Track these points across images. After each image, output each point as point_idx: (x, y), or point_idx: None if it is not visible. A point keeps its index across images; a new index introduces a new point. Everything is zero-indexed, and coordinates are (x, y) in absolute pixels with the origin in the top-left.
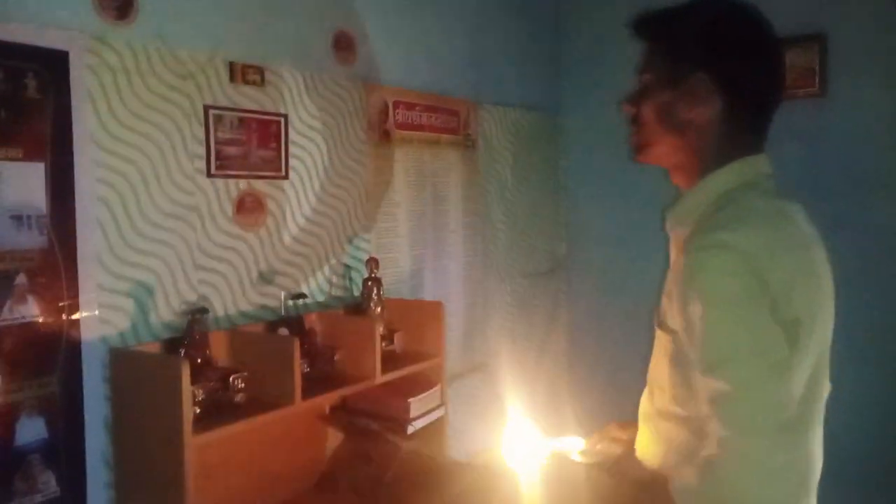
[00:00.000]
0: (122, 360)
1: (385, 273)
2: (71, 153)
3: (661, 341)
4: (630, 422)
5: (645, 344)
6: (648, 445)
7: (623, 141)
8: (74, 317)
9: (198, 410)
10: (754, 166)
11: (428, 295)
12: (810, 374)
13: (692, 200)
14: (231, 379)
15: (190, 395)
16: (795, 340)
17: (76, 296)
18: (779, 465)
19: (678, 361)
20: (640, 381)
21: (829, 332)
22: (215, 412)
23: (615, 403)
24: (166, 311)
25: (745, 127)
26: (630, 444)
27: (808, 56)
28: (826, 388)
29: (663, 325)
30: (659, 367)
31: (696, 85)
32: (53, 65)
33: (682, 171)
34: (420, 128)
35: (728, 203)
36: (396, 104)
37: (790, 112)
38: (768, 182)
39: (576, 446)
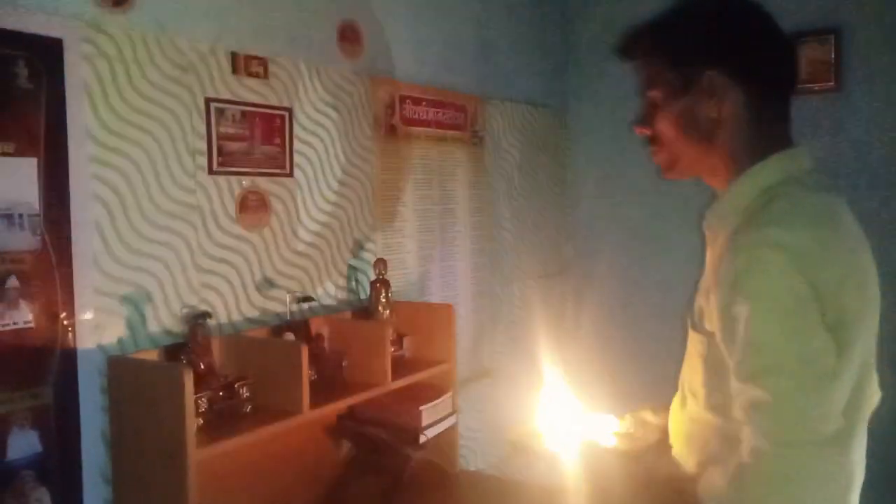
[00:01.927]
0: (120, 368)
1: (392, 275)
2: (65, 148)
3: (695, 344)
4: (663, 406)
5: (655, 346)
6: (681, 453)
7: (632, 138)
8: (69, 323)
9: (201, 421)
10: (795, 160)
11: (435, 297)
12: (856, 382)
13: (734, 197)
14: (236, 387)
15: (193, 406)
16: (843, 347)
17: (71, 300)
18: (814, 478)
19: (713, 366)
20: (650, 384)
21: (874, 337)
22: (219, 423)
23: (627, 407)
24: (166, 317)
25: (770, 116)
26: (664, 432)
27: (823, 50)
28: (875, 396)
29: (698, 327)
30: (692, 371)
31: (710, 83)
32: (46, 53)
33: (716, 174)
34: (427, 123)
35: (774, 198)
36: (403, 99)
37: (806, 107)
38: (811, 177)
39: (608, 426)
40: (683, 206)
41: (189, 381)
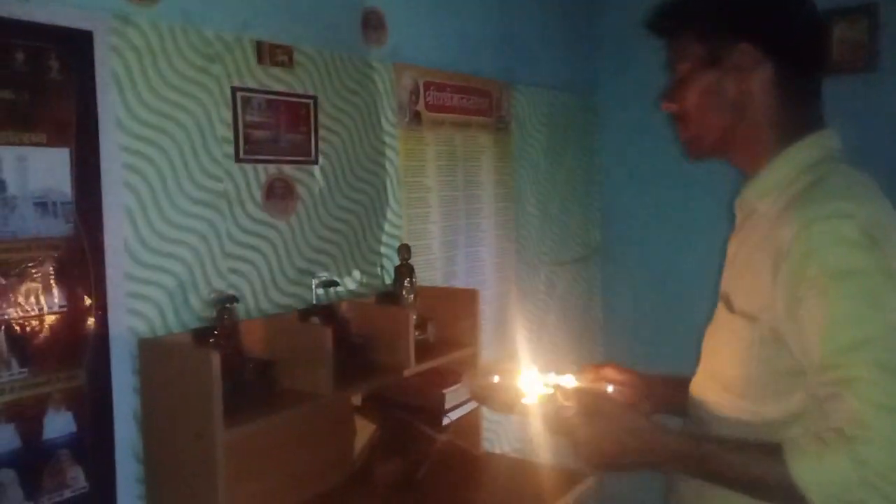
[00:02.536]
0: (150, 350)
1: (416, 260)
2: (96, 138)
3: (734, 329)
4: (629, 369)
5: (684, 335)
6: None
7: (660, 122)
8: (102, 307)
9: (229, 403)
10: (830, 140)
11: (460, 283)
12: None
13: (777, 173)
14: (263, 370)
15: (220, 388)
16: None
17: (103, 285)
18: None
19: (758, 353)
20: (680, 368)
21: None
22: (247, 404)
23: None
24: (196, 301)
25: (802, 94)
26: (624, 388)
27: (856, 30)
28: None
29: (739, 310)
30: (722, 358)
31: (741, 57)
32: (77, 46)
33: (744, 152)
34: (451, 110)
35: (825, 175)
36: (427, 85)
37: (838, 88)
38: (842, 156)
39: (567, 382)
40: (712, 188)
41: (217, 363)
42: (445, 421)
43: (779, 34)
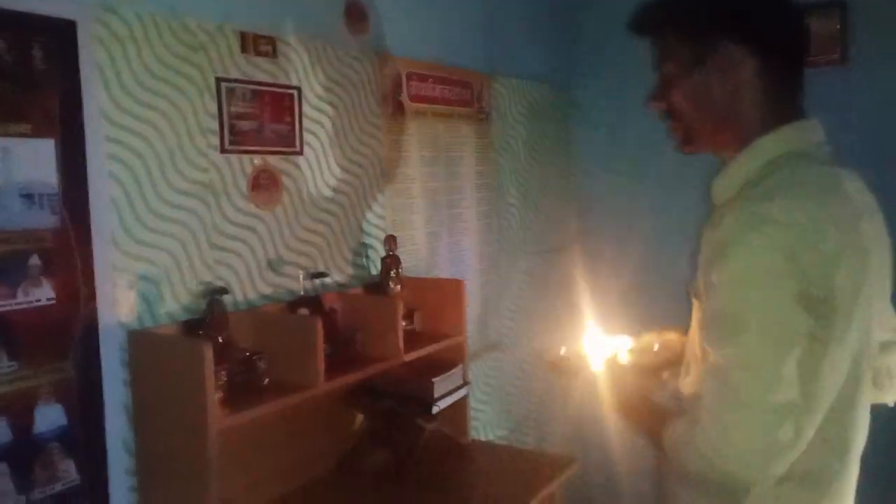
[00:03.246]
0: (141, 342)
1: (401, 251)
2: (81, 128)
3: (697, 312)
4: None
5: (663, 320)
6: None
7: (637, 116)
8: (90, 299)
9: (220, 394)
10: (803, 132)
11: (443, 273)
12: (856, 352)
13: (737, 169)
14: (253, 361)
15: (213, 379)
16: (830, 319)
17: (91, 277)
18: (765, 443)
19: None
20: None
21: (883, 306)
22: (237, 396)
23: None
24: (183, 293)
25: (782, 87)
26: (678, 354)
27: (828, 23)
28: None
29: (698, 295)
30: (692, 343)
31: (724, 56)
32: (60, 35)
33: (728, 147)
34: (434, 100)
35: (774, 172)
36: (410, 76)
37: (811, 82)
38: (819, 149)
39: (625, 345)
40: (688, 179)
41: (209, 354)
42: (434, 410)
43: (761, 32)
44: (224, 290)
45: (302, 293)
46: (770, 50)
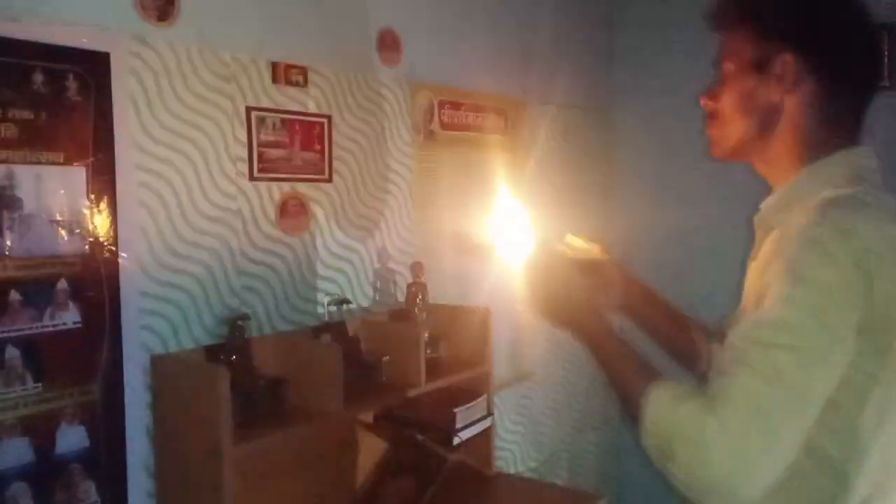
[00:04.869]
0: (163, 366)
1: (429, 277)
2: (112, 157)
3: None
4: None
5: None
6: None
7: (677, 138)
8: (116, 323)
9: (239, 419)
10: (863, 159)
11: (475, 301)
12: None
13: (797, 190)
14: (274, 387)
15: (229, 405)
16: (885, 352)
17: (118, 302)
18: (752, 456)
19: None
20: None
21: None
22: (257, 421)
23: None
24: (208, 318)
25: (841, 113)
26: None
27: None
28: None
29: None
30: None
31: (784, 68)
32: (94, 66)
33: (773, 164)
34: (466, 128)
35: (842, 191)
36: (442, 104)
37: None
38: (876, 177)
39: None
40: (733, 207)
41: (226, 381)
42: (456, 440)
43: (826, 52)
44: (246, 317)
45: (326, 319)
46: (833, 77)
